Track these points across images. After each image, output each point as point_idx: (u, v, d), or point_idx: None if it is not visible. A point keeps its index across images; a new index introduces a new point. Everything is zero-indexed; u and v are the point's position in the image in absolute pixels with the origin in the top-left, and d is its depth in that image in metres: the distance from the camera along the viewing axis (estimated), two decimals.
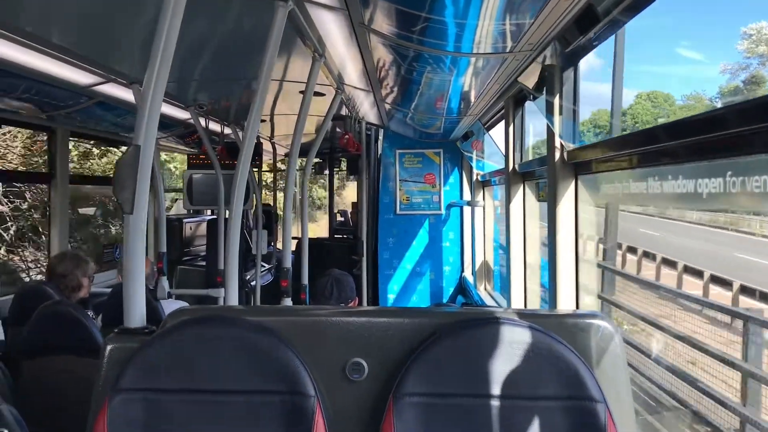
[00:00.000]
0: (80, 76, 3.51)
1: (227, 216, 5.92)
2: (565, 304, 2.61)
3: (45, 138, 5.23)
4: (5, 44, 2.83)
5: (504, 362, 1.41)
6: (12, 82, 3.37)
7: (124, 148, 6.05)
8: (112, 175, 1.66)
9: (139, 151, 1.52)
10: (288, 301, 3.49)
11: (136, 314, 1.58)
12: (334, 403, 1.47)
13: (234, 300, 2.49)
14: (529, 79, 2.84)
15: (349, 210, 10.05)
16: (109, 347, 1.52)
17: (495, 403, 1.40)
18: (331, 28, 2.78)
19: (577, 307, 2.64)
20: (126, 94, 3.92)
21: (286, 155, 8.98)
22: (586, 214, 2.66)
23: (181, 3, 1.58)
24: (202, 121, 5.00)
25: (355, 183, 7.90)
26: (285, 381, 1.42)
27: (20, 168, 8.56)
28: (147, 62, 1.60)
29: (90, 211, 10.04)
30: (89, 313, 3.71)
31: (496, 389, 1.40)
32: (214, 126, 5.58)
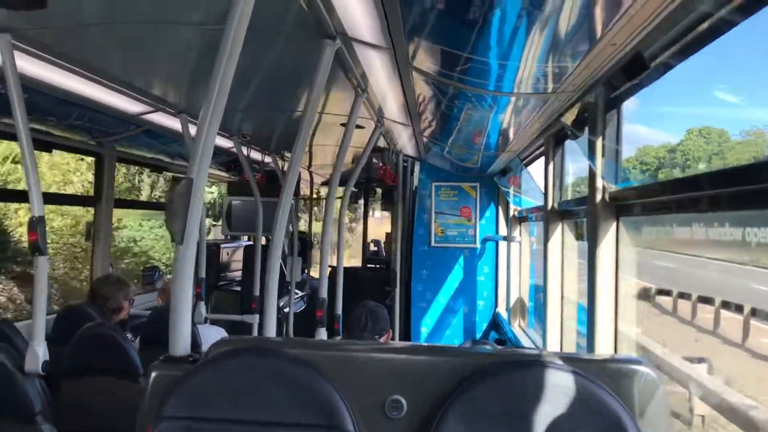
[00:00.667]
0: (131, 105, 3.63)
1: (264, 242, 6.01)
2: (602, 348, 2.57)
3: None
4: (62, 73, 2.96)
5: (545, 407, 1.39)
6: (66, 110, 3.51)
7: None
8: (154, 200, 1.71)
9: (191, 185, 1.56)
10: (323, 331, 3.50)
11: (181, 342, 1.62)
12: None
13: (272, 327, 2.51)
14: (571, 119, 2.84)
15: (383, 240, 10.07)
16: (153, 374, 1.55)
17: None
18: (375, 65, 2.84)
19: (615, 351, 2.60)
20: (172, 123, 4.04)
21: (323, 184, 9.08)
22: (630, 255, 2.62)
23: (239, 40, 1.64)
24: (245, 150, 5.10)
25: (379, 215, 7.87)
26: (324, 415, 1.43)
27: None
28: (194, 93, 1.65)
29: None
30: (127, 335, 3.78)
31: None
32: (255, 154, 5.69)
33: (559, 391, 1.40)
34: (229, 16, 1.62)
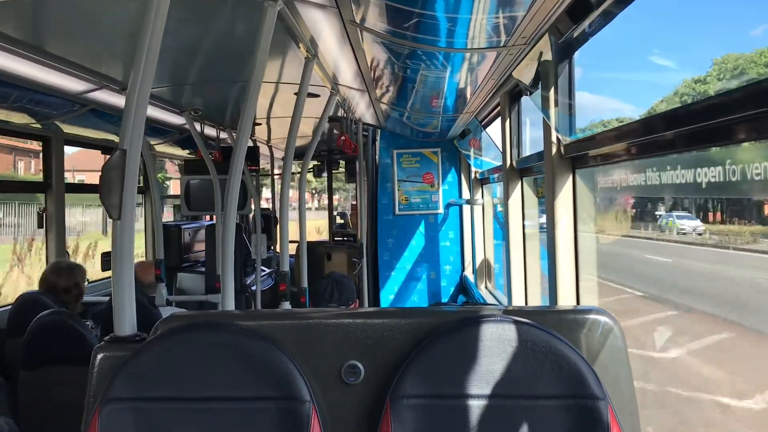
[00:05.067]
0: (72, 83, 3.48)
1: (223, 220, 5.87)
2: (565, 299, 2.58)
3: None
4: None
5: (503, 361, 1.38)
6: (3, 91, 3.34)
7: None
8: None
9: (125, 156, 1.49)
10: (287, 305, 3.45)
11: (126, 322, 1.55)
12: (330, 407, 1.44)
13: (230, 305, 2.46)
14: (524, 74, 2.81)
15: (349, 212, 10.03)
16: (99, 356, 1.49)
17: (494, 403, 1.37)
18: (323, 27, 2.75)
19: (578, 302, 2.61)
20: (118, 100, 3.90)
21: (284, 158, 8.90)
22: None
23: (164, 5, 1.55)
24: (198, 126, 4.97)
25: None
26: (279, 386, 1.39)
27: None
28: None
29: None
30: (88, 322, 3.68)
31: (495, 389, 1.37)
32: (210, 131, 5.56)
33: (516, 344, 1.38)
34: None
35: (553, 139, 2.58)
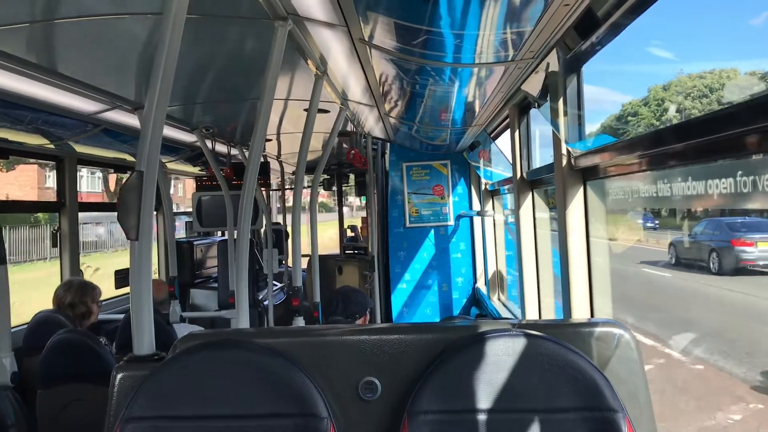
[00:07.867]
0: (84, 104, 3.52)
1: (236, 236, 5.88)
2: (579, 311, 2.58)
3: None
4: (8, 76, 2.85)
5: (519, 375, 1.38)
6: (18, 114, 3.39)
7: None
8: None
9: (142, 177, 1.51)
10: (300, 321, 3.46)
11: (145, 341, 1.57)
12: (348, 423, 1.45)
13: (245, 321, 2.47)
14: (533, 86, 2.82)
15: (359, 225, 10.05)
16: (119, 376, 1.51)
17: (511, 417, 1.37)
18: (332, 45, 2.78)
19: (592, 314, 2.60)
20: (131, 120, 3.94)
21: (294, 173, 8.96)
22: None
23: (178, 27, 1.58)
24: (209, 143, 5.01)
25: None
26: (297, 403, 1.40)
27: None
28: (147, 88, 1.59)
29: None
30: (102, 339, 3.71)
31: (512, 403, 1.37)
32: (221, 147, 5.60)
33: (532, 358, 1.38)
34: (166, 2, 1.56)
35: (563, 151, 2.59)
